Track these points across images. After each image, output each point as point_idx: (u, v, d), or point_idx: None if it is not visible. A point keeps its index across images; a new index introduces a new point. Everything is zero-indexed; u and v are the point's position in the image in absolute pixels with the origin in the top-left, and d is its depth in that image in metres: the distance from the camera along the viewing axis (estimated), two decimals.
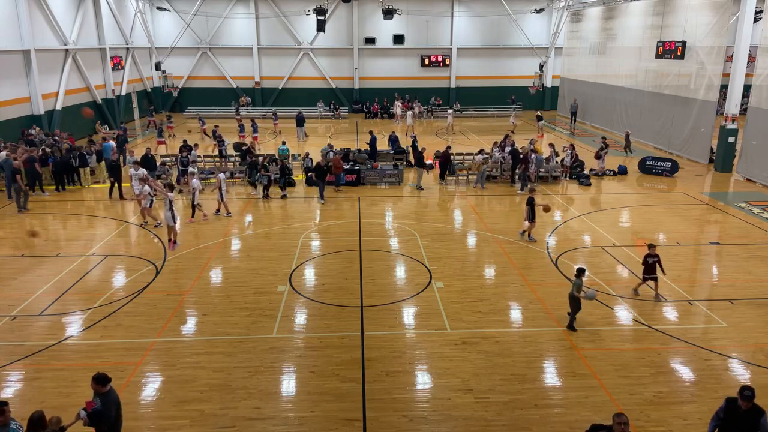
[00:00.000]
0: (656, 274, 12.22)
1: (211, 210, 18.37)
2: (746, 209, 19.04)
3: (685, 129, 27.07)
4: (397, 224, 17.56)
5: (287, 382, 9.40)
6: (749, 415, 6.63)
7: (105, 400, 6.80)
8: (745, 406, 6.63)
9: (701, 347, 10.42)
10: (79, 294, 12.59)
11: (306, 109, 38.49)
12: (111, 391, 6.94)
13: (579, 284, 10.77)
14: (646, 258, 12.21)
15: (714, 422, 7.02)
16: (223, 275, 13.76)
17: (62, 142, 24.64)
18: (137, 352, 10.23)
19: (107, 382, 6.89)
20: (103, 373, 6.89)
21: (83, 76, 32.78)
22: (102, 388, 6.85)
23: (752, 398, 6.63)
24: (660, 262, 12.18)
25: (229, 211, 18.37)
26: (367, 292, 12.70)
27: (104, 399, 6.81)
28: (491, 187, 22.17)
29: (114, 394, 6.96)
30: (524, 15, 42.30)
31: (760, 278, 13.52)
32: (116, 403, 6.95)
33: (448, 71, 44.21)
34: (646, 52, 30.15)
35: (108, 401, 6.82)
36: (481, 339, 10.70)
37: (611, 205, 19.86)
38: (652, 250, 12.16)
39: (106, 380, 6.88)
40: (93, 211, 19.05)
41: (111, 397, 6.88)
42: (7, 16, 26.05)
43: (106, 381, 6.88)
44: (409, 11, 41.61)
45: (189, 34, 41.74)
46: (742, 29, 22.82)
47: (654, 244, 12.31)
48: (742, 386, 6.74)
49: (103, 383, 6.86)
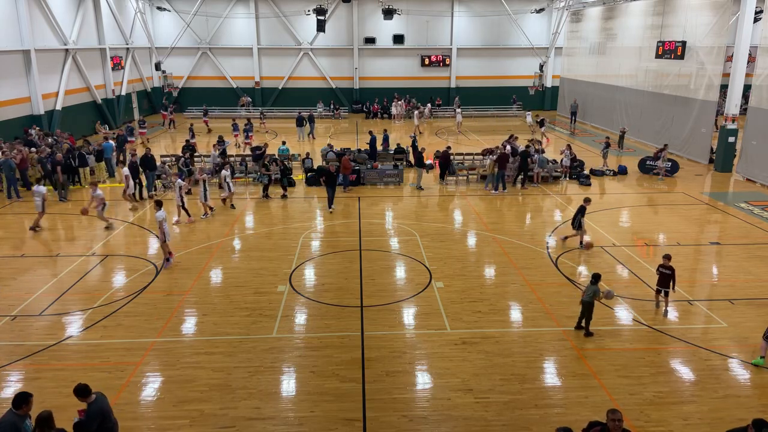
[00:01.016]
0: (668, 288, 11.53)
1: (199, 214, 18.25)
2: (746, 209, 19.04)
3: (685, 129, 27.08)
4: (397, 224, 17.56)
5: (287, 382, 9.40)
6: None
7: (89, 412, 6.75)
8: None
9: (701, 347, 10.42)
10: (79, 294, 12.59)
11: (306, 109, 38.48)
12: (96, 401, 6.82)
13: (596, 290, 10.52)
14: (659, 268, 11.66)
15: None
16: (223, 275, 13.76)
17: (62, 142, 24.64)
18: (137, 352, 10.23)
19: (88, 394, 6.78)
20: (82, 385, 6.77)
21: (83, 76, 32.77)
22: (84, 399, 6.78)
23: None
24: (674, 278, 11.42)
25: (205, 212, 18.11)
26: (367, 292, 12.70)
27: (88, 410, 6.77)
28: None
29: (97, 405, 6.80)
30: (524, 15, 42.30)
31: (760, 278, 13.52)
32: (99, 414, 6.76)
33: (448, 71, 44.21)
34: (646, 52, 30.14)
35: (90, 413, 6.73)
36: (481, 339, 10.70)
37: (611, 205, 19.86)
38: (665, 261, 11.58)
39: (85, 392, 6.76)
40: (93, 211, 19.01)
41: (93, 409, 6.75)
42: (7, 16, 26.05)
43: (86, 392, 6.77)
44: (409, 11, 41.61)
45: (189, 34, 41.73)
46: (742, 29, 22.82)
47: (669, 255, 11.72)
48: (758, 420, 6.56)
49: (84, 395, 6.77)
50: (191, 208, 18.20)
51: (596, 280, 10.64)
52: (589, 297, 10.57)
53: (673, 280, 11.45)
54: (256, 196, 20.75)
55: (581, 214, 15.09)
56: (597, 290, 10.55)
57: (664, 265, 11.55)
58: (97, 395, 6.92)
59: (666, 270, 11.49)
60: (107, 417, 6.91)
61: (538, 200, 20.45)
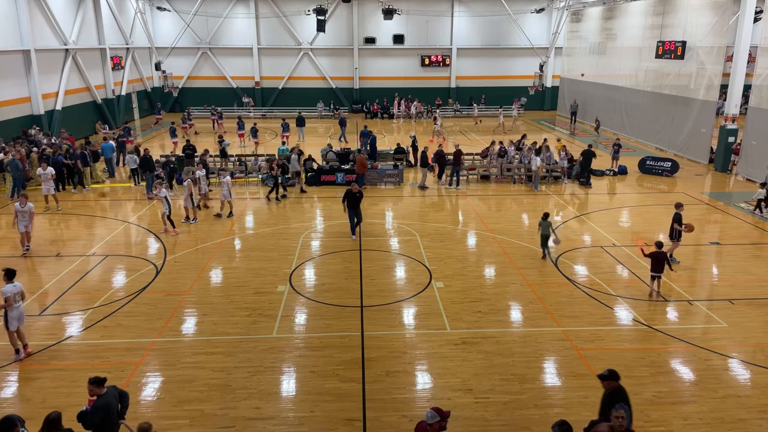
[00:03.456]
0: (661, 273, 12.28)
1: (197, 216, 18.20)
2: (746, 209, 19.04)
3: (685, 129, 27.08)
4: (397, 224, 17.56)
5: (287, 382, 9.41)
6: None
7: (96, 404, 6.79)
8: None
9: (701, 347, 10.42)
10: (79, 294, 12.59)
11: (306, 109, 38.46)
12: (105, 394, 6.90)
13: (549, 224, 14.34)
14: (652, 254, 12.25)
15: None
16: (223, 275, 13.76)
17: (62, 142, 24.63)
18: (137, 352, 10.23)
19: (101, 384, 6.89)
20: (98, 376, 6.91)
21: (83, 76, 32.77)
22: (98, 389, 6.85)
23: None
24: (668, 260, 12.38)
25: (189, 218, 17.68)
26: (367, 292, 12.70)
27: (96, 402, 6.81)
28: (490, 187, 22.18)
29: (106, 399, 6.87)
30: (524, 15, 42.29)
31: (760, 278, 13.52)
32: (105, 409, 6.81)
33: (448, 71, 44.20)
34: (646, 52, 30.14)
35: (96, 406, 6.78)
36: (481, 339, 10.70)
37: (611, 205, 19.86)
38: (657, 248, 12.29)
39: (101, 382, 6.88)
40: (93, 210, 19.05)
41: (100, 402, 6.80)
42: (7, 16, 26.05)
43: (101, 383, 6.88)
44: (409, 11, 41.60)
45: (189, 34, 41.72)
46: (742, 29, 22.83)
47: (662, 242, 12.51)
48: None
49: (99, 385, 6.86)
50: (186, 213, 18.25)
51: (546, 217, 14.33)
52: (546, 231, 14.33)
53: (667, 261, 12.35)
54: (256, 197, 20.76)
55: (678, 223, 13.97)
56: (550, 224, 14.35)
57: (658, 251, 12.25)
58: (108, 390, 6.96)
59: (660, 254, 12.20)
60: (112, 414, 6.93)
61: (538, 200, 20.45)
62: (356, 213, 16.09)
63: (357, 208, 16.08)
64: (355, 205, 15.96)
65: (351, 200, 15.89)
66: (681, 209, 14.04)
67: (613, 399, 6.68)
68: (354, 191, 15.86)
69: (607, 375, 6.96)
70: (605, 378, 6.97)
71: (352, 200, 15.89)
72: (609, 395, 6.89)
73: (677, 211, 14.03)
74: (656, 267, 12.25)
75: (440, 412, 6.29)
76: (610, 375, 6.95)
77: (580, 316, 11.55)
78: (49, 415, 6.49)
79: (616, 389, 6.89)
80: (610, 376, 6.94)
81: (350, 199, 15.88)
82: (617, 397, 6.74)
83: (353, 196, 15.87)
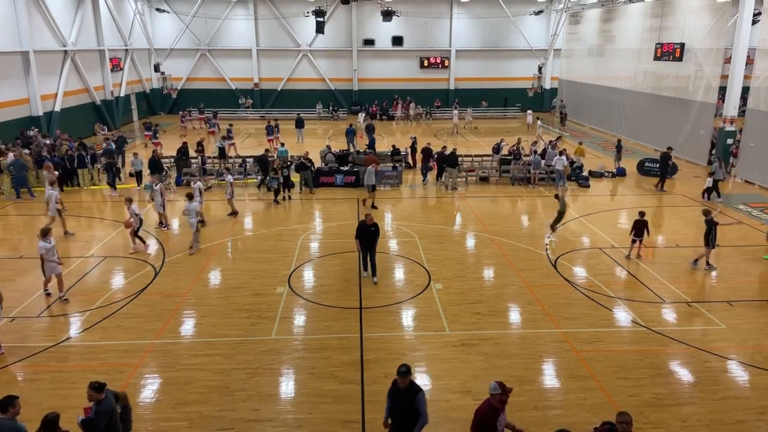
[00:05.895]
0: (641, 238, 14.35)
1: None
2: (745, 211, 19.06)
3: (683, 131, 27.11)
4: (396, 225, 17.56)
5: (286, 383, 9.40)
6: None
7: (98, 409, 6.77)
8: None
9: (700, 349, 10.42)
10: (78, 295, 12.57)
11: (305, 111, 38.44)
12: (106, 398, 6.89)
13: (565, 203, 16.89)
14: (636, 222, 14.33)
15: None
16: (222, 277, 13.75)
17: (61, 143, 24.60)
18: (136, 353, 10.21)
19: (102, 390, 6.85)
20: (99, 381, 6.87)
21: (82, 78, 32.76)
22: (98, 395, 6.82)
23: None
24: (647, 227, 14.34)
25: (167, 223, 17.15)
26: (366, 294, 12.69)
27: (98, 407, 6.79)
28: (489, 189, 22.19)
29: (108, 403, 6.88)
30: (523, 17, 42.34)
31: (759, 280, 13.53)
32: (109, 412, 6.84)
33: (447, 73, 44.25)
34: (645, 54, 30.19)
35: (100, 410, 6.77)
36: (480, 341, 10.69)
37: (610, 206, 19.88)
38: (641, 217, 14.28)
39: (101, 387, 6.84)
40: (91, 212, 19.03)
41: (103, 406, 6.80)
42: (6, 18, 26.03)
43: (101, 388, 6.84)
44: (408, 13, 41.64)
45: (188, 35, 41.72)
46: (741, 31, 22.85)
47: (644, 212, 14.47)
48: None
49: (99, 390, 6.83)
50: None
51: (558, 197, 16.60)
52: (562, 208, 16.42)
53: (646, 228, 14.27)
54: (255, 198, 20.74)
55: (714, 226, 13.63)
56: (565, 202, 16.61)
57: (640, 219, 14.23)
58: (107, 394, 6.95)
59: (641, 222, 14.19)
60: (114, 416, 6.94)
61: (537, 202, 20.46)
62: (371, 251, 13.21)
63: (373, 246, 13.13)
64: (370, 242, 13.01)
65: (365, 236, 12.94)
66: (710, 215, 13.79)
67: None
68: (368, 224, 12.87)
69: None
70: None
71: (367, 236, 12.94)
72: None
73: (708, 217, 13.69)
74: (637, 232, 14.34)
75: (503, 387, 6.50)
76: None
77: (579, 318, 11.56)
78: (47, 416, 6.47)
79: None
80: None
81: (365, 235, 12.94)
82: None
83: (368, 231, 12.90)
